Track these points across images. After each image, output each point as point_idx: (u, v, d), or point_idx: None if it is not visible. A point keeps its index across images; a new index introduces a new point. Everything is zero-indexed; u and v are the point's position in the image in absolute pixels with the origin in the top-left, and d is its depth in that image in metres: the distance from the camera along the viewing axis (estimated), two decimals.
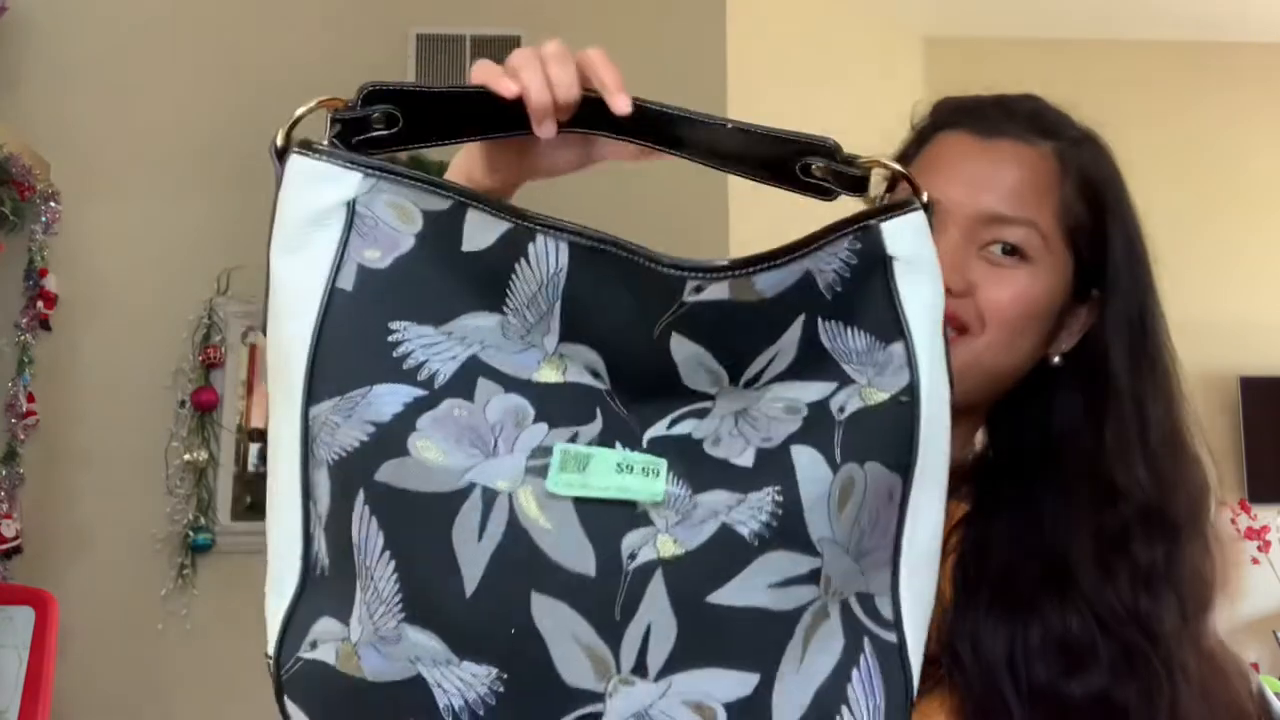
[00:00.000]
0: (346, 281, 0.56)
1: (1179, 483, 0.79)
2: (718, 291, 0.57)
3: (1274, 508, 3.88)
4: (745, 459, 0.57)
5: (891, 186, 0.73)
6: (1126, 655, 0.70)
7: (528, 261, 0.57)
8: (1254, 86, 4.14)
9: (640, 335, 0.57)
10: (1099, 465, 0.77)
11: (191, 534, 2.77)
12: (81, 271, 2.84)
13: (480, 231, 0.58)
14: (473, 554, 0.53)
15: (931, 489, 0.60)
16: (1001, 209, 0.79)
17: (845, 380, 0.59)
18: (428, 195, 0.59)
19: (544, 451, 0.55)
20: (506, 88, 0.62)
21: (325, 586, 0.56)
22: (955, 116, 0.86)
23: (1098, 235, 0.83)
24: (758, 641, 0.55)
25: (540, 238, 0.57)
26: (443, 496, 0.53)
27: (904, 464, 0.59)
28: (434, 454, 0.54)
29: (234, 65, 2.99)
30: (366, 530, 0.54)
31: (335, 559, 0.55)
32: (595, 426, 0.56)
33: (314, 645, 0.55)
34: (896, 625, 0.59)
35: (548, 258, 0.57)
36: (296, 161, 0.59)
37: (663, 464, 0.55)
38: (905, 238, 0.61)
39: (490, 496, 0.53)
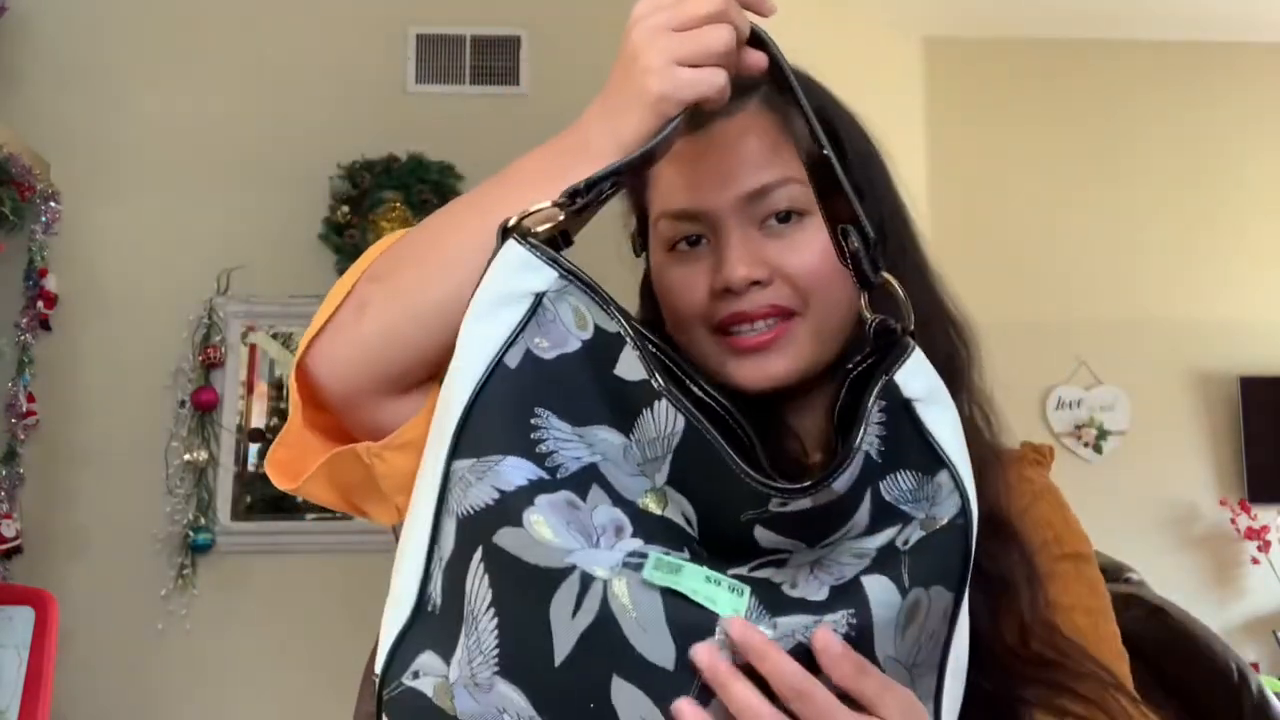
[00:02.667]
0: (513, 359, 0.62)
1: (929, 348, 0.75)
2: (801, 504, 0.61)
3: (1274, 508, 3.88)
4: (821, 594, 0.61)
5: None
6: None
7: (652, 413, 0.63)
8: (1254, 87, 4.15)
9: (729, 516, 0.62)
10: None
11: (191, 534, 2.77)
12: (81, 271, 2.84)
13: (631, 365, 0.64)
14: (566, 628, 0.57)
15: (966, 600, 0.65)
16: (755, 183, 0.78)
17: (906, 519, 0.64)
18: (603, 312, 0.64)
19: (640, 555, 0.59)
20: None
21: (435, 622, 0.62)
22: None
23: (836, 150, 0.79)
24: None
25: (664, 402, 0.63)
26: (547, 571, 0.58)
27: (960, 584, 0.64)
28: (545, 531, 0.59)
29: (234, 65, 2.99)
30: (478, 585, 0.59)
31: (447, 601, 0.61)
32: (684, 556, 0.61)
33: (416, 675, 0.61)
34: None
35: (667, 419, 0.63)
36: (514, 246, 0.64)
37: (747, 589, 0.59)
38: (915, 379, 0.65)
39: (588, 580, 0.58)
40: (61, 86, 2.93)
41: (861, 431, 0.63)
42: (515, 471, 0.60)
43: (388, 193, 2.93)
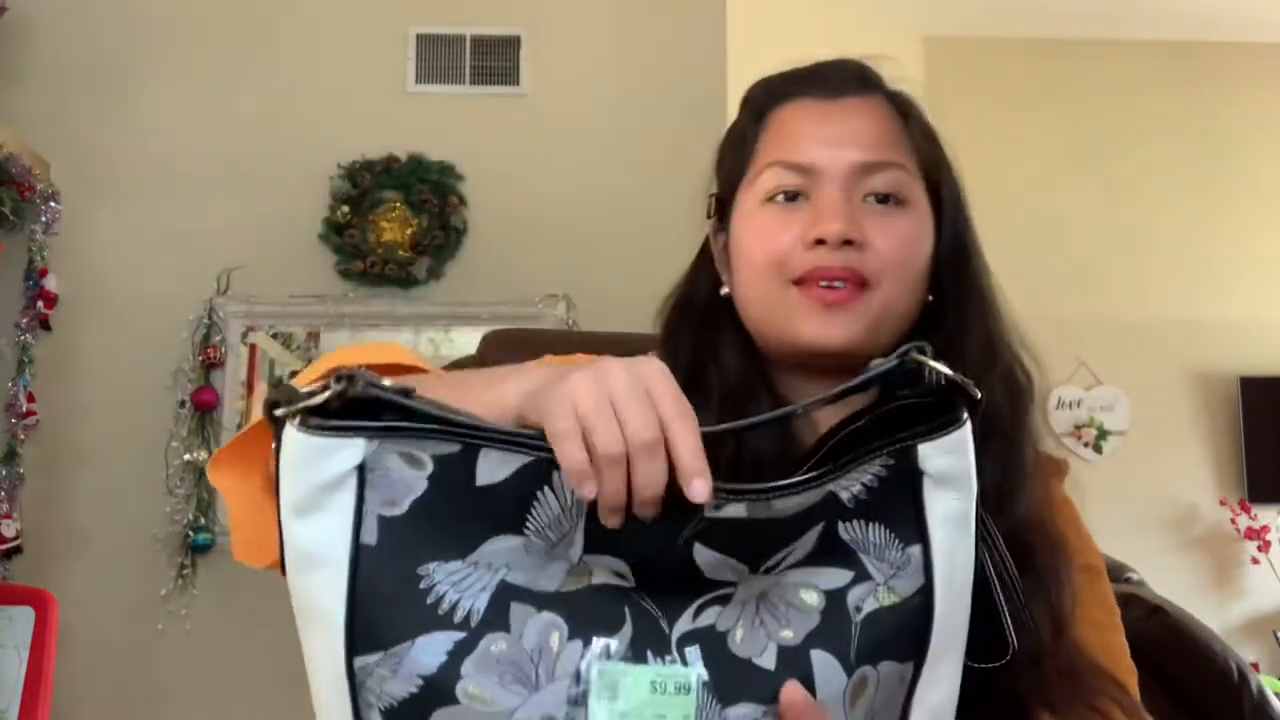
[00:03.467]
0: (370, 536, 0.58)
1: (991, 386, 0.80)
2: (736, 510, 0.60)
3: (1274, 508, 3.88)
4: (768, 659, 0.59)
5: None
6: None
7: (551, 489, 0.59)
8: (1253, 86, 4.14)
9: (664, 546, 0.59)
10: None
11: (191, 534, 2.77)
12: (81, 271, 2.84)
13: (495, 467, 0.59)
14: None
15: (947, 661, 0.64)
16: (870, 157, 0.83)
17: (862, 573, 0.62)
18: (436, 442, 0.59)
19: (583, 679, 0.57)
20: (585, 487, 0.57)
21: None
22: (790, 87, 0.89)
23: (939, 168, 0.88)
24: None
25: (557, 473, 0.58)
26: None
27: (916, 655, 0.62)
28: (482, 700, 0.56)
29: (234, 65, 2.99)
30: None
31: None
32: (626, 633, 0.58)
33: None
34: None
35: (567, 486, 0.58)
36: (296, 438, 0.58)
37: (694, 683, 0.58)
38: (941, 456, 0.63)
39: None
40: (61, 86, 2.93)
41: (836, 472, 0.62)
42: (430, 651, 0.56)
43: (388, 193, 2.93)
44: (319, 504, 0.58)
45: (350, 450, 0.58)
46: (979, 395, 0.64)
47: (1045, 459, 0.88)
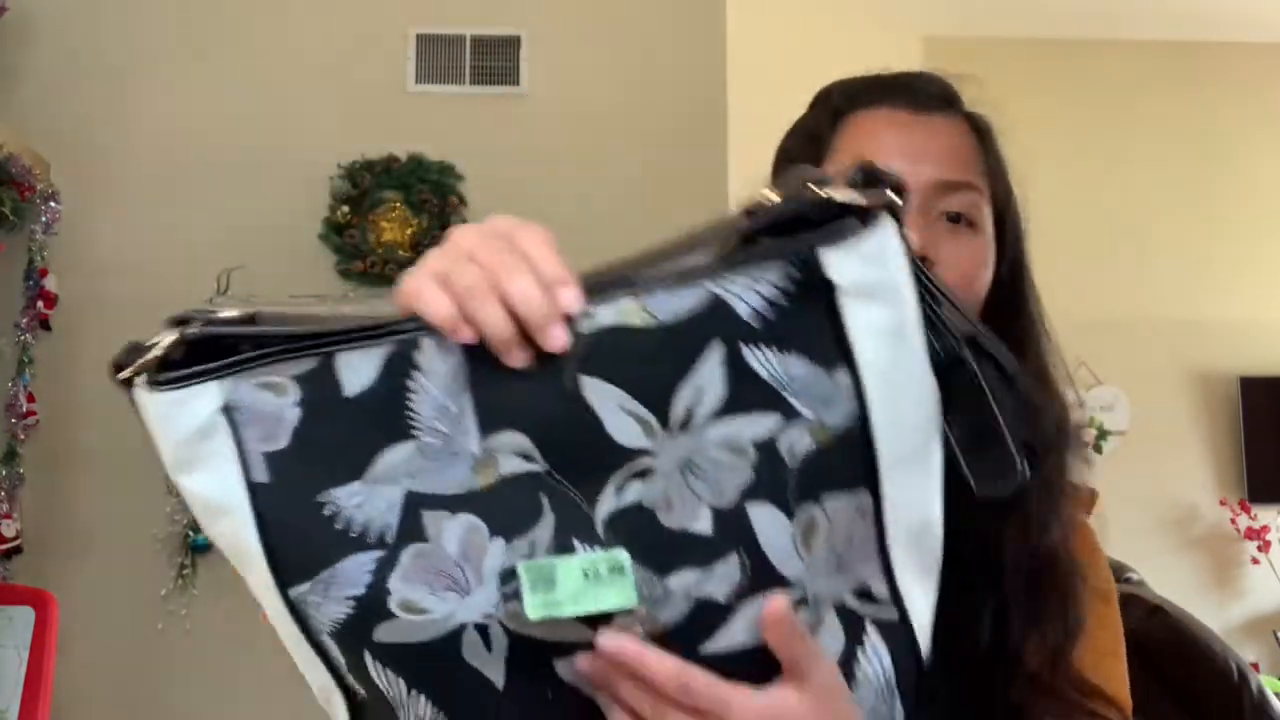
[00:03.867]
0: (260, 475, 0.56)
1: (1040, 415, 0.79)
2: (610, 316, 0.56)
3: (1274, 508, 3.88)
4: (703, 525, 0.56)
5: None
6: (990, 566, 0.76)
7: (421, 371, 0.56)
8: (1253, 86, 4.15)
9: (554, 393, 0.56)
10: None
11: (191, 534, 2.76)
12: (81, 271, 2.84)
13: (359, 369, 0.56)
14: (489, 660, 0.56)
15: (915, 472, 0.60)
16: (950, 176, 0.83)
17: (790, 412, 0.56)
18: (290, 363, 0.57)
19: (511, 575, 0.55)
20: (462, 333, 0.54)
21: (373, 712, 0.60)
22: (874, 93, 0.87)
23: (1006, 197, 0.88)
24: (758, 670, 0.57)
25: (425, 341, 0.56)
26: (442, 638, 0.56)
27: (868, 482, 0.58)
28: (417, 609, 0.55)
29: (234, 65, 2.99)
30: (387, 679, 0.57)
31: (372, 695, 0.59)
32: (547, 524, 0.55)
33: None
34: (895, 599, 0.60)
35: (438, 357, 0.56)
36: (145, 398, 0.57)
37: (624, 557, 0.55)
38: (853, 265, 0.57)
39: (482, 627, 0.56)
40: (61, 86, 2.93)
41: (722, 271, 0.56)
42: (353, 573, 0.55)
43: (388, 193, 2.93)
44: (198, 456, 0.57)
45: (205, 397, 0.57)
46: (899, 201, 0.58)
47: (1078, 488, 0.88)
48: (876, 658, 0.60)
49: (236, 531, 0.57)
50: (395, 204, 2.93)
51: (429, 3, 3.07)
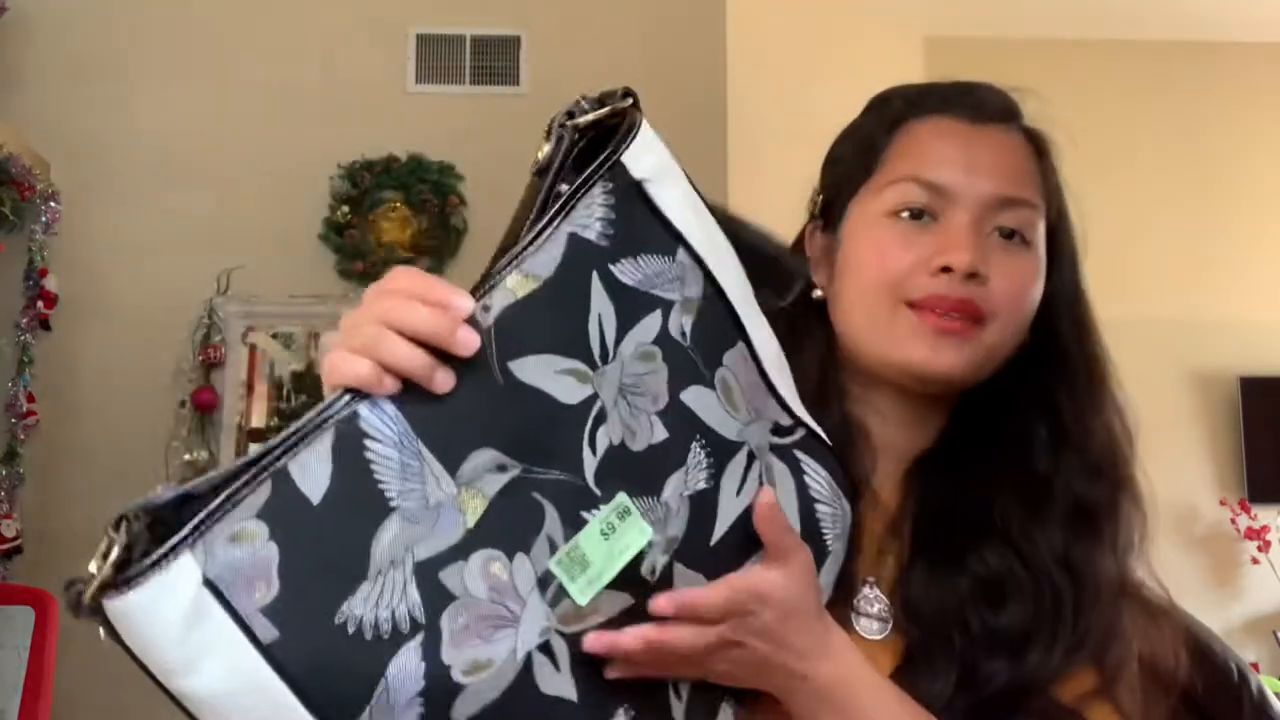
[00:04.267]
0: (268, 634, 0.52)
1: (1120, 436, 0.84)
2: (502, 297, 0.58)
3: (1274, 508, 3.88)
4: (660, 433, 0.62)
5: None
6: (1045, 590, 0.76)
7: (371, 439, 0.55)
8: (1254, 86, 4.15)
9: (492, 393, 0.56)
10: (1052, 423, 0.83)
11: None
12: (81, 271, 2.84)
13: (313, 471, 0.54)
14: (561, 681, 0.57)
15: (754, 314, 0.69)
16: (1008, 191, 0.81)
17: (665, 304, 0.63)
18: (247, 500, 0.53)
19: (548, 579, 0.56)
20: (385, 385, 0.55)
21: None
22: (933, 102, 0.85)
23: (1059, 212, 0.86)
24: (753, 544, 0.66)
25: (361, 409, 0.55)
26: (516, 681, 0.55)
27: (738, 332, 0.67)
28: (481, 666, 0.54)
29: (234, 65, 2.99)
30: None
31: None
32: (553, 516, 0.57)
33: None
34: (798, 422, 0.71)
35: (379, 419, 0.55)
36: (119, 606, 0.53)
37: (624, 499, 0.59)
38: (643, 158, 0.64)
39: (544, 645, 0.56)
40: (61, 86, 2.93)
41: (559, 213, 0.60)
42: (406, 670, 0.53)
43: (388, 193, 2.93)
44: (198, 649, 0.53)
45: (183, 575, 0.52)
46: (628, 97, 0.67)
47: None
48: (816, 474, 0.70)
49: (272, 704, 0.52)
50: (395, 204, 2.93)
51: (429, 3, 3.08)
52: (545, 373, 0.58)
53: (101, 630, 0.54)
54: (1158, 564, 0.82)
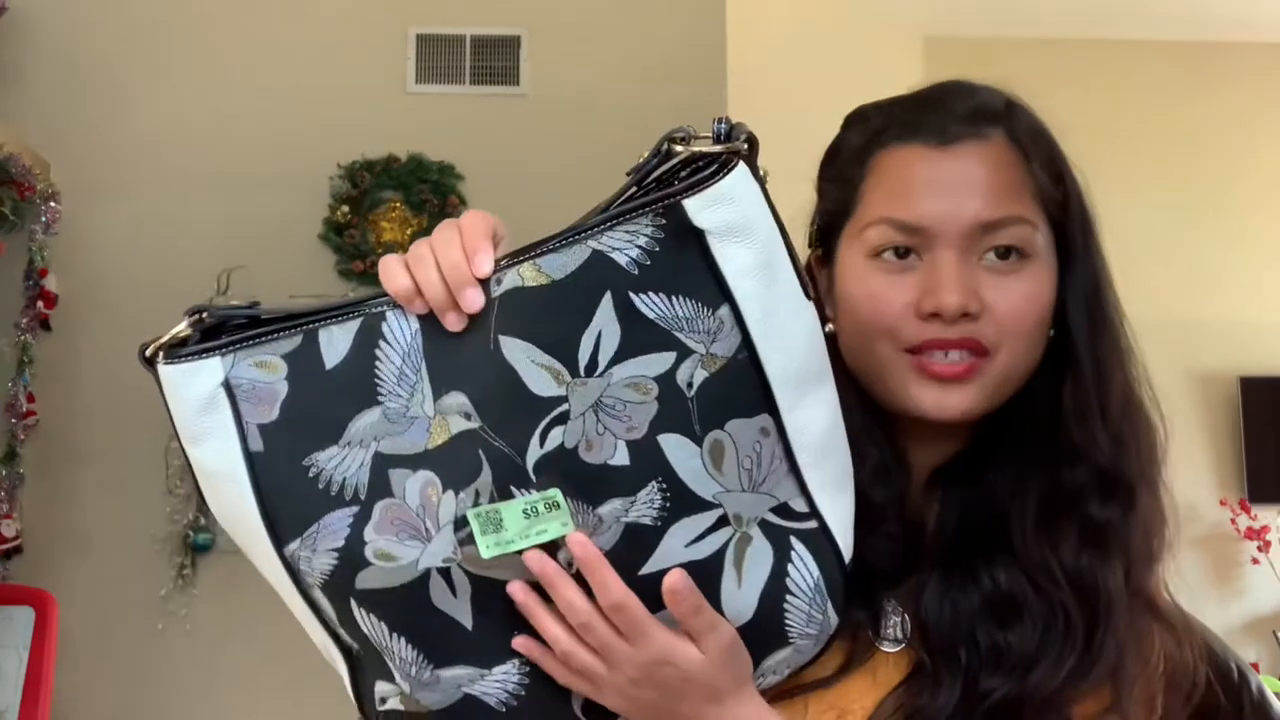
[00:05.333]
0: (256, 445, 0.65)
1: (1134, 441, 0.80)
2: (512, 279, 0.64)
3: (1274, 508, 3.88)
4: (620, 458, 0.63)
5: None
6: (1056, 612, 0.74)
7: (386, 341, 0.65)
8: (1254, 86, 4.14)
9: (482, 354, 0.63)
10: (1058, 429, 0.79)
11: (191, 534, 2.77)
12: (81, 271, 2.84)
13: (337, 344, 0.65)
14: (456, 605, 0.65)
15: (810, 394, 0.67)
16: (990, 214, 0.76)
17: (682, 350, 0.64)
18: (280, 341, 0.66)
19: (463, 522, 0.63)
20: (414, 305, 0.65)
21: (366, 660, 0.69)
22: (896, 129, 0.80)
23: (1064, 204, 0.81)
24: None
25: (390, 315, 0.65)
26: (412, 583, 0.64)
27: (765, 405, 0.66)
28: (389, 557, 0.64)
29: (234, 65, 2.99)
30: (370, 623, 0.66)
31: (361, 643, 0.68)
32: (486, 476, 0.63)
33: (384, 701, 0.69)
34: (814, 514, 0.69)
35: (400, 329, 0.65)
36: (163, 370, 0.68)
37: (557, 494, 0.63)
38: (714, 208, 0.64)
39: (444, 570, 0.64)
40: (61, 86, 2.93)
41: (591, 229, 0.64)
42: (334, 526, 0.64)
43: (388, 193, 2.93)
44: (205, 428, 0.66)
45: (209, 371, 0.66)
46: (746, 144, 0.65)
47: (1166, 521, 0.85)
48: (805, 567, 0.69)
49: (238, 497, 0.65)
50: (395, 204, 2.93)
51: (429, 3, 3.07)
52: (524, 359, 0.63)
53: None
54: (1168, 567, 0.81)
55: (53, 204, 2.78)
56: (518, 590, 0.64)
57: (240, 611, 2.75)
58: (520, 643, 0.66)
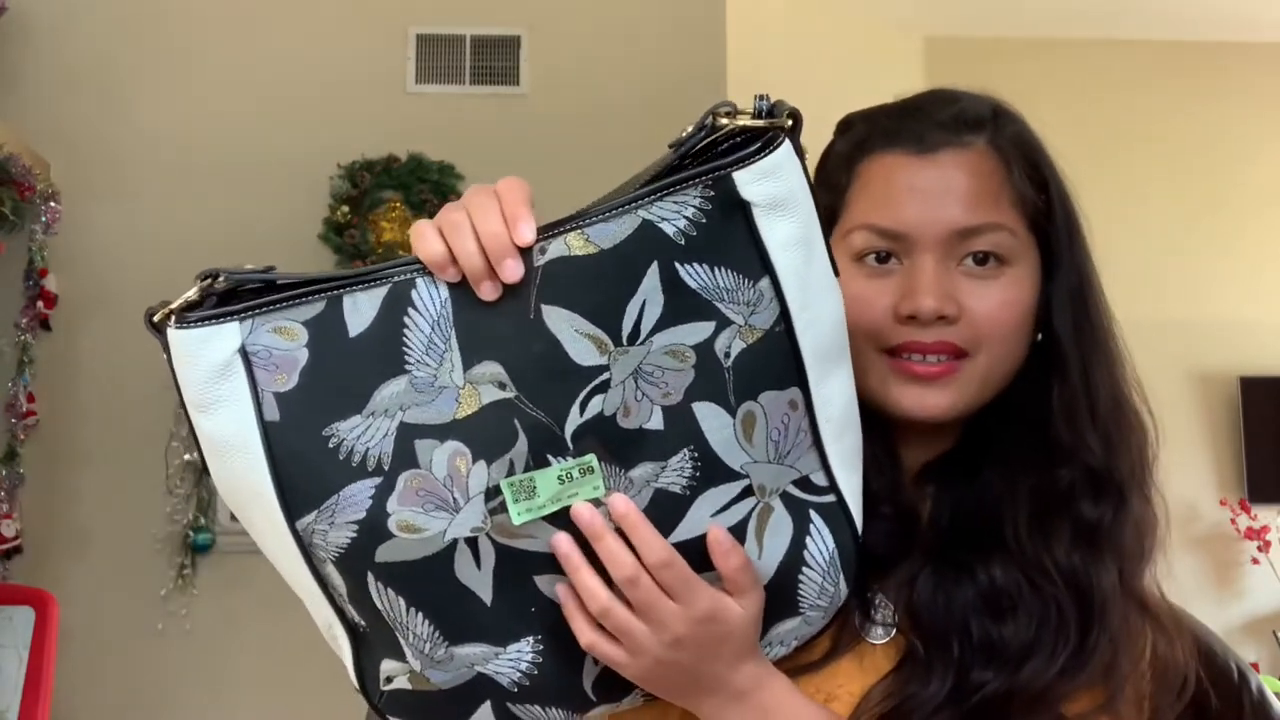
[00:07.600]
0: (272, 414, 0.63)
1: (1123, 442, 0.81)
2: (558, 248, 0.63)
3: (1274, 508, 3.88)
4: (656, 422, 0.64)
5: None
6: (1050, 608, 0.75)
7: (415, 309, 0.63)
8: (1253, 87, 4.14)
9: (522, 323, 0.62)
10: (1047, 430, 0.80)
11: (191, 534, 2.77)
12: (81, 271, 2.84)
13: (362, 311, 0.63)
14: (479, 578, 0.64)
15: (835, 371, 0.68)
16: (968, 221, 0.78)
17: (722, 320, 0.64)
18: (301, 307, 0.63)
19: (495, 492, 0.62)
20: (447, 272, 0.63)
21: (373, 638, 0.68)
22: (880, 138, 0.83)
23: (1047, 210, 0.83)
24: (709, 562, 0.66)
25: (420, 281, 0.63)
26: (436, 556, 0.63)
27: (796, 379, 0.67)
28: (413, 529, 0.62)
29: (234, 65, 2.99)
30: (387, 599, 0.64)
31: (371, 621, 0.67)
32: (522, 445, 0.62)
33: (389, 680, 0.68)
34: (833, 488, 0.70)
35: (430, 297, 0.63)
36: (174, 335, 0.64)
37: (592, 459, 0.63)
38: (761, 182, 0.65)
39: (472, 541, 0.63)
40: (61, 86, 2.93)
41: (641, 200, 0.63)
42: (355, 499, 0.62)
43: (388, 193, 2.93)
44: (216, 396, 0.63)
45: (225, 337, 0.63)
46: (790, 119, 0.66)
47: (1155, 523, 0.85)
48: (821, 539, 0.70)
49: (250, 468, 0.63)
50: (395, 204, 2.93)
51: (429, 3, 3.07)
52: (567, 328, 0.62)
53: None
54: (1159, 566, 0.81)
55: (53, 204, 2.78)
56: (562, 541, 0.63)
57: (240, 611, 2.75)
58: (562, 590, 0.65)
